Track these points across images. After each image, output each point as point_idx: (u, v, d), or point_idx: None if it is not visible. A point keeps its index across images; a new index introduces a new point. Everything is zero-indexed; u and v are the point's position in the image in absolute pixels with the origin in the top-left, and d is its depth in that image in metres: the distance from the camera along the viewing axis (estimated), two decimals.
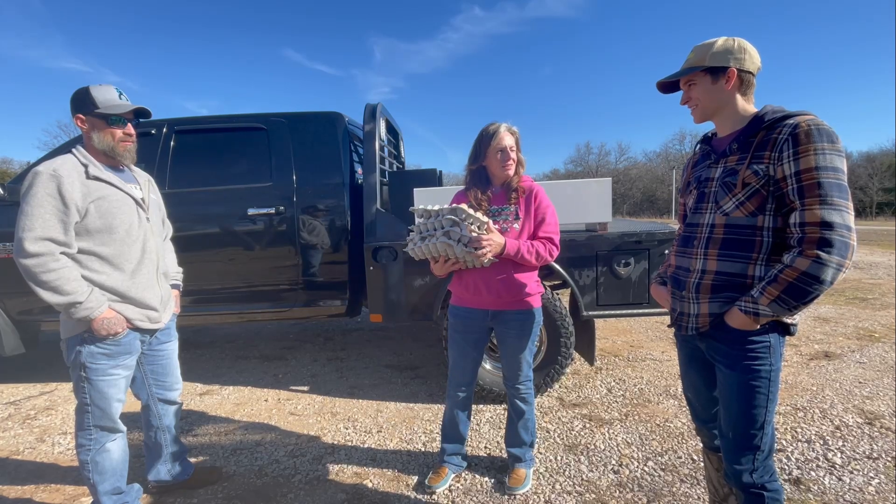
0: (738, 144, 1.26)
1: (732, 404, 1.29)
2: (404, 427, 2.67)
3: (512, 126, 1.91)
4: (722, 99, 1.29)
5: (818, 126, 1.12)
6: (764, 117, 1.22)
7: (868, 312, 4.82)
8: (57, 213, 1.51)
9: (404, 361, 3.76)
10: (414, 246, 1.84)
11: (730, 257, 1.26)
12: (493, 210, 1.90)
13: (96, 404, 1.67)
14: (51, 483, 2.21)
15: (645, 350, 3.87)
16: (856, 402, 2.76)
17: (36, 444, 2.62)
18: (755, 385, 1.24)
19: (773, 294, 1.14)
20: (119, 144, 1.67)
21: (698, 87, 1.31)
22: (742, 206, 1.23)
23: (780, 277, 1.14)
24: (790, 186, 1.14)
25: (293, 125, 3.19)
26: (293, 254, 3.10)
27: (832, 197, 1.09)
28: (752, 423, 1.26)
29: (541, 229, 1.88)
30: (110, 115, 1.63)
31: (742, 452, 1.29)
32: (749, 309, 1.19)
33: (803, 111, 1.19)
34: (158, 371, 1.91)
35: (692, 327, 1.35)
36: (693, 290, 1.33)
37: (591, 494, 2.00)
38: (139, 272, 1.70)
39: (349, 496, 2.05)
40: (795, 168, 1.13)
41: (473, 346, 2.02)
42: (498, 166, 1.88)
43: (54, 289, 1.50)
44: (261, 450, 2.47)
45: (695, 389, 1.50)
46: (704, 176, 1.35)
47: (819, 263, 1.09)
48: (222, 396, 3.21)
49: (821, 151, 1.11)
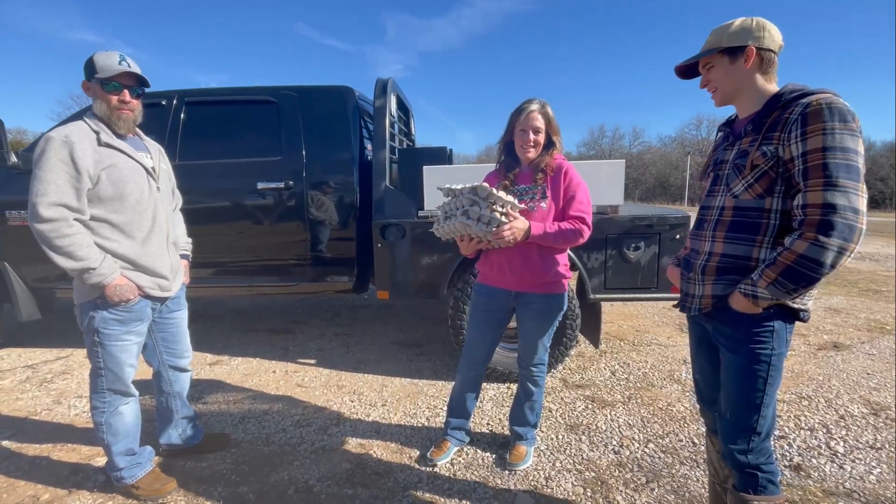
0: (753, 125, 1.22)
1: (732, 386, 1.30)
2: (408, 402, 2.72)
3: (546, 106, 1.83)
4: (741, 79, 1.25)
5: (830, 104, 1.08)
6: (781, 96, 1.18)
7: (881, 304, 4.75)
8: (70, 179, 1.52)
9: (410, 338, 3.80)
10: (438, 226, 1.82)
11: (736, 240, 1.25)
12: (520, 189, 1.85)
13: (109, 368, 1.72)
14: (67, 443, 2.29)
15: (651, 335, 3.86)
16: (862, 393, 2.74)
17: (53, 405, 2.72)
18: (756, 368, 1.24)
19: (771, 277, 1.13)
20: (114, 112, 1.64)
21: (717, 69, 1.28)
22: (751, 188, 1.20)
23: (779, 260, 1.12)
24: (797, 167, 1.12)
25: (303, 99, 3.16)
26: (302, 229, 3.11)
27: (838, 178, 1.06)
28: (749, 405, 1.26)
29: (571, 207, 1.81)
30: (104, 80, 1.60)
31: (739, 434, 1.30)
32: (749, 291, 1.18)
33: (822, 89, 1.14)
34: (169, 339, 1.95)
35: (695, 308, 1.35)
36: (699, 272, 1.33)
37: (591, 473, 2.03)
38: (150, 241, 1.72)
39: (353, 466, 2.10)
40: (803, 149, 1.10)
41: (494, 327, 2.01)
42: (518, 145, 1.84)
43: (68, 254, 1.53)
44: (268, 419, 2.54)
45: (702, 371, 1.51)
46: (720, 158, 1.33)
47: (818, 246, 1.07)
48: (231, 367, 3.28)
49: (829, 131, 1.07)
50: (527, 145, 1.82)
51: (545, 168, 1.84)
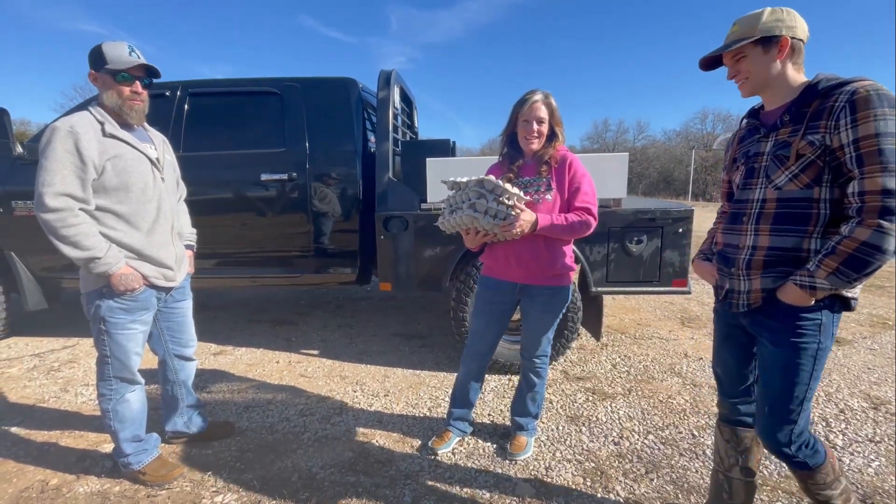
0: (791, 116, 1.21)
1: (775, 380, 1.27)
2: (410, 392, 2.74)
3: (549, 97, 1.83)
4: (774, 69, 1.23)
5: (878, 91, 1.07)
6: (818, 86, 1.17)
7: (884, 300, 4.73)
8: (75, 170, 1.53)
9: (412, 330, 3.83)
10: (443, 219, 1.81)
11: (783, 232, 1.22)
12: (525, 181, 1.84)
13: (115, 356, 1.74)
14: (75, 430, 2.33)
15: (652, 328, 3.87)
16: (863, 388, 2.75)
17: (60, 393, 2.76)
18: (800, 363, 1.22)
19: (832, 266, 1.11)
20: (126, 103, 1.65)
21: (749, 59, 1.25)
22: (796, 179, 1.18)
23: (839, 249, 1.11)
24: (848, 155, 1.10)
25: (306, 90, 3.15)
26: (305, 221, 3.12)
27: (894, 164, 1.05)
28: (791, 399, 1.25)
29: (576, 199, 1.81)
30: (117, 72, 1.62)
31: (779, 427, 1.29)
32: (805, 283, 1.16)
33: (861, 77, 1.13)
34: (174, 328, 1.97)
35: (743, 304, 1.32)
36: (744, 267, 1.30)
37: (591, 463, 2.06)
38: (155, 231, 1.74)
39: (356, 454, 2.13)
40: (854, 136, 1.08)
41: (498, 319, 2.02)
42: (522, 136, 1.84)
43: (74, 244, 1.55)
44: (272, 408, 2.57)
45: (725, 366, 1.50)
46: (753, 151, 1.30)
47: (881, 232, 1.06)
48: (235, 357, 3.31)
49: (882, 117, 1.06)
50: (530, 136, 1.81)
51: (549, 160, 1.83)
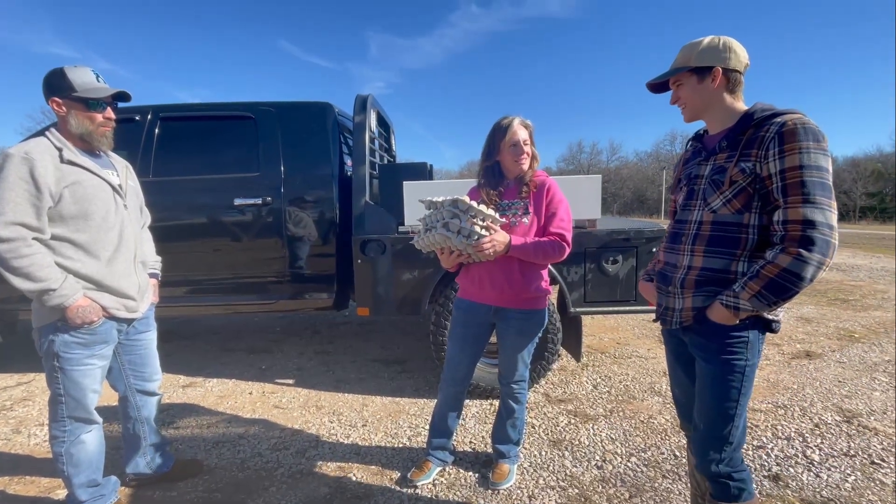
0: (728, 142, 1.26)
1: (706, 396, 1.31)
2: (389, 421, 2.66)
3: (525, 119, 1.87)
4: (709, 98, 1.29)
5: (804, 125, 1.13)
6: (753, 115, 1.23)
7: (849, 314, 4.91)
8: (29, 198, 1.46)
9: (391, 356, 3.74)
10: (419, 238, 1.80)
11: (715, 254, 1.27)
12: (504, 204, 1.86)
13: (70, 395, 1.63)
14: (26, 475, 2.16)
15: (631, 347, 3.89)
16: (835, 401, 2.81)
17: (11, 435, 2.56)
18: (729, 379, 1.26)
19: (755, 289, 1.16)
20: (98, 129, 1.61)
21: (685, 87, 1.32)
22: (729, 204, 1.23)
23: (762, 273, 1.15)
24: (775, 184, 1.15)
25: (282, 114, 3.13)
26: (280, 245, 3.05)
27: (815, 195, 1.10)
28: (723, 415, 1.28)
29: (552, 224, 1.82)
30: (90, 99, 1.57)
31: (712, 444, 1.32)
32: (730, 303, 1.20)
33: (792, 109, 1.19)
34: (136, 361, 1.87)
35: (676, 321, 1.36)
36: (678, 286, 1.34)
37: (574, 489, 2.01)
38: (116, 260, 1.66)
39: (332, 490, 2.03)
40: (780, 166, 1.14)
41: (473, 342, 1.99)
42: (511, 161, 1.84)
43: (26, 275, 1.46)
44: (244, 443, 2.44)
45: (681, 386, 1.51)
46: (694, 173, 1.36)
47: (800, 261, 1.10)
48: (206, 388, 3.16)
49: (805, 150, 1.11)
50: (520, 158, 1.83)
51: (529, 182, 1.86)
